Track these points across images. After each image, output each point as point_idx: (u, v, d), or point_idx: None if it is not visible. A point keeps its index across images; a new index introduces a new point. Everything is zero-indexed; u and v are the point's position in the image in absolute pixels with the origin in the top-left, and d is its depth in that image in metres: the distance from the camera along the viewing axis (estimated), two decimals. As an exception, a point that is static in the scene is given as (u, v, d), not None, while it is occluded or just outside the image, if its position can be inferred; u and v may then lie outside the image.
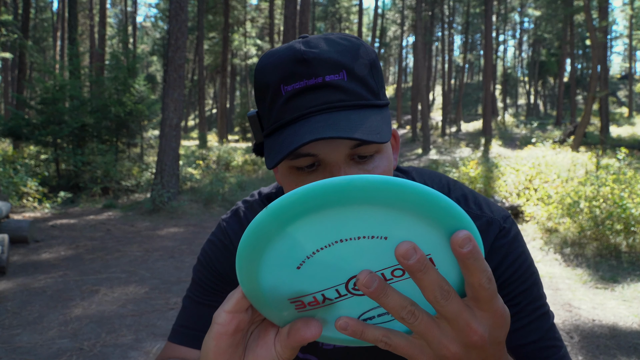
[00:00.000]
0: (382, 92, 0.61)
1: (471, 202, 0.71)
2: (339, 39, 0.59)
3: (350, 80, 0.57)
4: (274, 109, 0.58)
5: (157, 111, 11.77)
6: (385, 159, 0.61)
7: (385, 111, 0.60)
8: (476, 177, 8.92)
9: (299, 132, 0.54)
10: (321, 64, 0.56)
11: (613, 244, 5.34)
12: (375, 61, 0.61)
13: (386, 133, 0.55)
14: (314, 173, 0.59)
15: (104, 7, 23.98)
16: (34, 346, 3.15)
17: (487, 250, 0.67)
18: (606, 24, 19.62)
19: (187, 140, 25.51)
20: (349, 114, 0.55)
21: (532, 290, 0.68)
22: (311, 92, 0.56)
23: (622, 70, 62.63)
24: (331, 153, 0.57)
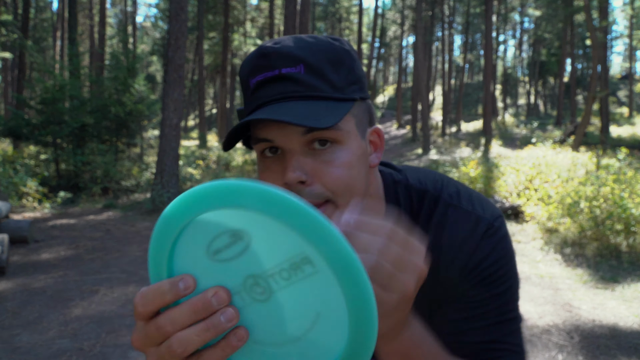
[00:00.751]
0: (350, 88, 0.63)
1: (464, 198, 0.72)
2: (308, 37, 0.63)
3: (307, 73, 0.60)
4: (246, 101, 0.65)
5: (157, 111, 11.77)
6: (347, 151, 0.61)
7: (345, 104, 0.61)
8: (476, 177, 8.91)
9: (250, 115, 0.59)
10: (280, 58, 0.60)
11: (613, 244, 5.34)
12: (343, 58, 0.63)
13: (327, 120, 0.56)
14: (276, 160, 0.62)
15: (103, 7, 23.98)
16: (33, 346, 3.15)
17: (473, 247, 0.68)
18: (606, 24, 19.63)
19: (187, 140, 25.51)
20: (299, 104, 0.59)
21: (505, 294, 0.68)
22: (270, 84, 0.60)
23: (623, 70, 62.64)
24: (284, 140, 0.60)
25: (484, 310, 0.68)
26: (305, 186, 0.59)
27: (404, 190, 0.74)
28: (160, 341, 0.39)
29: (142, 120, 11.69)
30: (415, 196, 0.74)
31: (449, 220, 0.70)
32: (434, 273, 0.69)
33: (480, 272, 0.68)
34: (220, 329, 0.38)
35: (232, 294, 0.40)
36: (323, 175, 0.60)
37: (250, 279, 0.40)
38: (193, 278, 0.39)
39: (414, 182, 0.75)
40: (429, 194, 0.73)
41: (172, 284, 0.39)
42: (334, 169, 0.60)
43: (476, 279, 0.68)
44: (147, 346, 0.40)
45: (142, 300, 0.39)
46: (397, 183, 0.75)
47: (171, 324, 0.38)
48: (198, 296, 0.38)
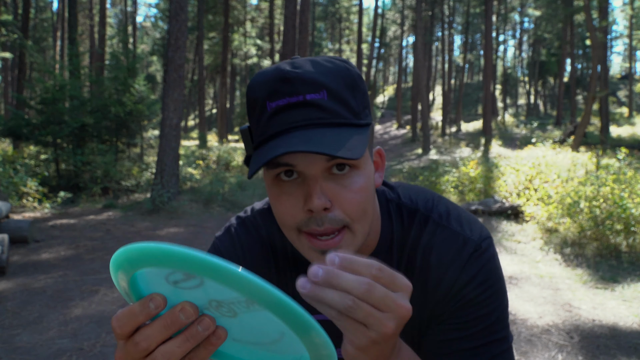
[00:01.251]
0: (364, 112, 0.64)
1: (453, 218, 0.74)
2: (324, 61, 0.64)
3: (330, 99, 0.60)
4: (260, 124, 0.63)
5: (157, 111, 11.77)
6: (363, 176, 0.63)
7: (364, 131, 0.62)
8: (476, 177, 8.92)
9: (276, 145, 0.58)
10: (303, 83, 0.60)
11: (613, 244, 5.34)
12: (358, 83, 0.64)
13: (358, 150, 0.57)
14: (294, 184, 0.63)
15: (104, 7, 23.98)
16: (34, 346, 3.15)
17: (459, 268, 0.70)
18: (606, 24, 19.63)
19: (187, 140, 25.51)
20: (326, 131, 0.59)
21: (492, 315, 0.69)
22: (293, 109, 0.60)
23: (622, 70, 62.63)
24: (308, 166, 0.60)
25: (472, 332, 0.69)
26: (327, 212, 0.61)
27: (395, 208, 0.76)
28: (141, 357, 0.43)
29: (142, 120, 11.69)
30: (406, 215, 0.76)
31: (437, 240, 0.72)
32: (423, 293, 0.71)
33: (467, 293, 0.69)
34: (199, 337, 0.42)
35: (201, 310, 0.43)
36: (343, 201, 0.61)
37: (214, 302, 0.43)
38: (163, 297, 0.42)
39: (406, 200, 0.77)
40: (419, 214, 0.75)
41: (143, 305, 0.42)
42: (353, 194, 0.61)
43: (463, 300, 0.69)
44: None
45: (117, 322, 0.42)
46: (390, 201, 0.77)
47: (146, 340, 0.42)
48: (167, 312, 0.41)
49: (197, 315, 0.42)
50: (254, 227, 0.83)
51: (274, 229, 0.81)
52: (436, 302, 0.71)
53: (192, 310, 0.41)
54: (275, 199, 0.64)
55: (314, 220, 0.61)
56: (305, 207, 0.61)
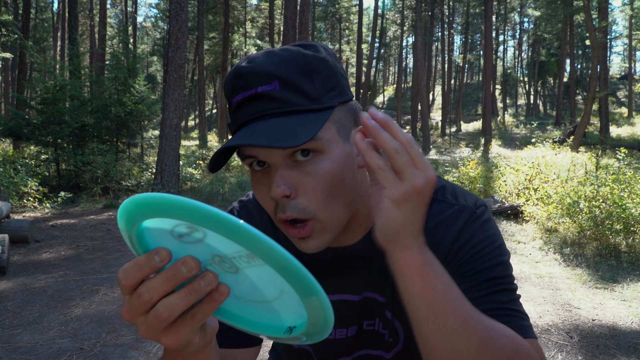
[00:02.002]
0: (328, 96, 0.64)
1: (448, 192, 0.76)
2: (281, 50, 0.64)
3: (282, 89, 0.61)
4: (230, 118, 0.67)
5: (157, 111, 11.77)
6: (329, 160, 0.62)
7: (323, 114, 0.62)
8: (476, 177, 8.92)
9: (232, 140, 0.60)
10: (254, 77, 0.62)
11: (613, 244, 5.34)
12: (317, 66, 0.64)
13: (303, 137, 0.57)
14: (265, 173, 0.65)
15: (104, 7, 23.98)
16: (34, 346, 3.16)
17: (457, 231, 0.71)
18: (606, 24, 19.63)
19: (187, 140, 25.51)
20: (276, 121, 0.60)
21: (496, 268, 0.69)
22: (248, 103, 0.62)
23: (622, 70, 62.64)
24: (268, 156, 0.62)
25: (479, 282, 0.69)
26: (290, 199, 0.62)
27: None
28: (145, 310, 0.43)
29: (142, 120, 11.69)
30: None
31: (432, 212, 0.73)
32: None
33: (466, 252, 0.70)
34: (201, 292, 0.42)
35: (204, 265, 0.44)
36: (306, 187, 0.62)
37: (217, 257, 0.44)
38: (168, 251, 0.42)
39: None
40: None
41: (148, 257, 0.42)
42: (316, 181, 0.62)
43: (463, 258, 0.70)
44: (136, 317, 0.44)
45: (123, 274, 0.43)
46: None
47: (148, 292, 0.42)
48: (170, 266, 0.42)
49: (199, 270, 0.42)
50: (256, 209, 0.85)
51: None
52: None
53: (193, 263, 0.41)
54: (253, 188, 0.67)
55: (280, 208, 0.63)
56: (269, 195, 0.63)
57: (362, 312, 0.81)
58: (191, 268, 0.41)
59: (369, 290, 0.79)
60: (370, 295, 0.80)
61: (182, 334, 0.44)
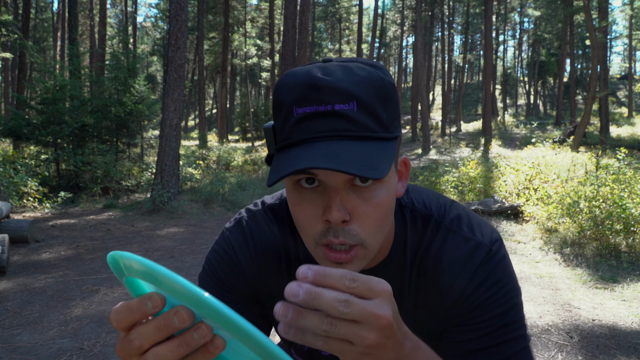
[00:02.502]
0: (393, 125, 0.62)
1: (464, 224, 0.74)
2: (358, 68, 0.61)
3: (359, 111, 0.58)
4: (285, 127, 0.61)
5: (157, 111, 11.77)
6: (386, 189, 0.62)
7: (392, 144, 0.61)
8: (476, 177, 8.92)
9: (299, 156, 0.57)
10: (333, 93, 0.58)
11: (613, 244, 5.34)
12: (391, 93, 0.62)
13: (383, 169, 0.56)
14: (315, 192, 0.61)
15: (104, 7, 23.97)
16: (34, 346, 3.15)
17: (472, 271, 0.70)
18: (606, 24, 19.63)
19: (187, 140, 25.52)
20: (352, 144, 0.57)
21: (506, 315, 0.69)
22: (320, 118, 0.58)
23: (622, 70, 62.63)
24: (330, 177, 0.59)
25: (488, 331, 0.69)
26: (345, 225, 0.60)
27: (410, 214, 0.76)
28: (134, 354, 0.42)
29: (142, 120, 11.69)
30: (420, 221, 0.76)
31: (448, 246, 0.72)
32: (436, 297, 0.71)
33: (480, 295, 0.69)
34: (194, 345, 0.41)
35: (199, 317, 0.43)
36: (362, 215, 0.60)
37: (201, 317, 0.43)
38: (161, 297, 0.41)
39: (420, 206, 0.77)
40: (433, 220, 0.75)
41: (140, 302, 0.41)
42: (373, 209, 0.60)
43: (477, 301, 0.70)
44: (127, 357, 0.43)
45: (115, 316, 0.43)
46: (404, 207, 0.77)
47: (139, 338, 0.41)
48: (162, 315, 0.41)
49: (192, 322, 0.41)
50: (266, 222, 0.81)
51: (285, 227, 0.80)
52: (450, 306, 0.71)
53: (186, 315, 0.40)
54: (294, 205, 0.63)
55: (332, 231, 0.60)
56: (323, 217, 0.60)
57: None
58: (183, 320, 0.40)
59: None
60: None
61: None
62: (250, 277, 0.80)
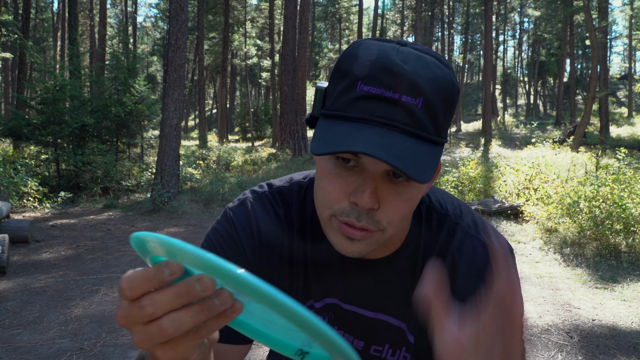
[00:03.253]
0: (444, 130, 0.62)
1: (480, 229, 0.75)
2: (434, 64, 0.60)
3: (423, 109, 0.58)
4: (341, 97, 0.60)
5: (157, 111, 11.78)
6: (419, 188, 0.63)
7: (439, 149, 0.61)
8: (476, 177, 8.92)
9: (354, 136, 0.56)
10: (404, 82, 0.57)
11: (613, 244, 5.34)
12: (455, 100, 0.62)
13: (430, 173, 0.57)
14: (351, 171, 0.61)
15: (104, 7, 23.98)
16: (34, 346, 3.16)
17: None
18: (606, 24, 19.64)
19: (187, 140, 25.52)
20: (407, 140, 0.57)
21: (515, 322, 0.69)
22: (383, 103, 0.57)
23: (622, 70, 62.64)
24: (373, 164, 0.60)
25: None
26: (371, 212, 0.60)
27: (426, 210, 0.76)
28: (143, 321, 0.40)
29: (142, 120, 11.69)
30: (435, 219, 0.76)
31: (466, 248, 0.73)
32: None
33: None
34: (214, 311, 0.39)
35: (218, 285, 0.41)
36: (391, 206, 0.61)
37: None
38: (179, 265, 0.39)
39: (436, 204, 0.77)
40: (449, 220, 0.75)
41: (157, 270, 0.39)
42: (402, 202, 0.61)
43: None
44: (133, 325, 0.40)
45: (128, 284, 0.39)
46: (421, 203, 0.77)
47: (153, 305, 0.39)
48: (182, 281, 0.39)
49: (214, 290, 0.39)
50: (271, 204, 0.79)
51: (292, 210, 0.78)
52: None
53: (210, 283, 0.38)
54: (325, 174, 0.63)
55: (355, 214, 0.60)
56: (352, 197, 0.60)
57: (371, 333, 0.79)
58: (206, 287, 0.38)
59: (383, 312, 0.78)
60: (385, 318, 0.78)
61: (182, 349, 0.41)
62: (251, 260, 0.77)
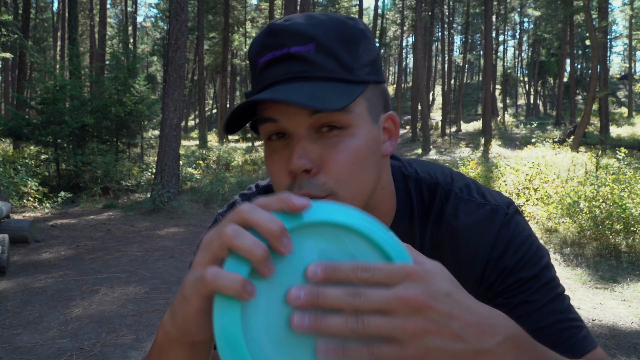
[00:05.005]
0: (362, 70, 0.59)
1: (474, 191, 0.71)
2: (321, 15, 0.59)
3: (318, 52, 0.56)
4: (253, 82, 0.61)
5: (157, 111, 11.78)
6: (357, 137, 0.57)
7: (357, 87, 0.57)
8: (476, 177, 8.92)
9: (255, 95, 0.55)
10: (289, 35, 0.56)
11: (613, 244, 5.34)
12: (357, 37, 0.59)
13: (336, 102, 0.53)
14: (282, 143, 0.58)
15: (104, 7, 23.98)
16: (34, 346, 3.15)
17: (493, 236, 0.67)
18: (606, 24, 19.64)
19: (187, 140, 25.52)
20: (306, 84, 0.55)
21: (543, 273, 0.66)
22: (278, 63, 0.57)
23: (622, 70, 62.63)
24: (290, 122, 0.56)
25: (532, 292, 0.64)
26: (309, 175, 0.56)
27: (414, 184, 0.72)
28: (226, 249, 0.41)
29: (142, 120, 11.69)
30: (426, 190, 0.72)
31: (462, 212, 0.69)
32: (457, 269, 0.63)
33: (508, 260, 0.65)
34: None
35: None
36: (328, 161, 0.56)
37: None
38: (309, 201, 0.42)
39: (424, 175, 0.73)
40: (440, 188, 0.71)
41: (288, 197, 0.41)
42: (340, 154, 0.56)
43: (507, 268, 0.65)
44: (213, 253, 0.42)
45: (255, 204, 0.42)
46: (407, 177, 0.73)
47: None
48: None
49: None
50: None
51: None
52: (476, 277, 0.67)
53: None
54: (266, 159, 0.61)
55: (297, 184, 0.56)
56: (287, 168, 0.56)
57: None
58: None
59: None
60: None
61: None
62: None
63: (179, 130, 8.87)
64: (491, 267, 0.66)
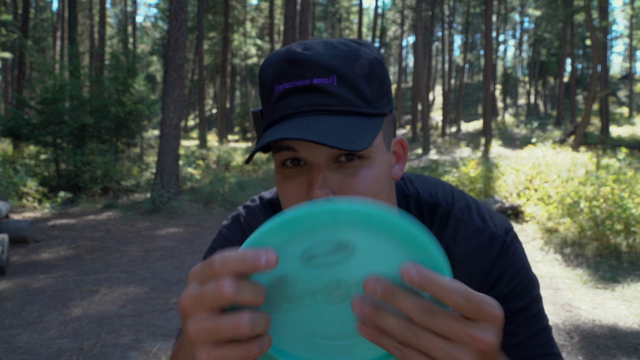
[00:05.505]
0: (380, 102, 0.60)
1: (474, 213, 0.71)
2: (339, 43, 0.59)
3: (339, 85, 0.56)
4: (268, 107, 0.61)
5: (157, 111, 11.77)
6: (375, 167, 0.59)
7: (377, 121, 0.58)
8: (476, 177, 8.91)
9: (275, 131, 0.55)
10: (311, 67, 0.56)
11: (613, 244, 5.34)
12: (375, 68, 0.60)
13: (363, 141, 0.53)
14: (300, 172, 0.59)
15: (103, 7, 23.97)
16: (34, 346, 3.15)
17: (489, 264, 0.68)
18: (606, 24, 19.64)
19: (187, 140, 25.51)
20: (330, 118, 0.55)
21: (531, 307, 0.68)
22: (299, 93, 0.57)
23: (622, 70, 62.62)
24: (310, 153, 0.57)
25: (518, 324, 0.67)
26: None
27: (415, 204, 0.73)
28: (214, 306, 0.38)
29: (142, 120, 11.69)
30: (426, 211, 0.73)
31: (461, 236, 0.70)
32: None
33: (501, 288, 0.67)
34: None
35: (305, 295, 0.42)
36: (350, 191, 0.57)
37: (333, 283, 0.42)
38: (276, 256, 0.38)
39: (426, 195, 0.74)
40: (440, 209, 0.72)
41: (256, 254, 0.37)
42: (361, 184, 0.57)
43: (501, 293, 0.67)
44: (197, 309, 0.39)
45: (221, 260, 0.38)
46: (409, 197, 0.74)
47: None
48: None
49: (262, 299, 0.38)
50: (264, 216, 0.78)
51: None
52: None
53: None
54: (280, 184, 0.61)
55: None
56: (307, 197, 0.57)
57: None
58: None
59: None
60: None
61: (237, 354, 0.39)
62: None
63: (178, 130, 8.86)
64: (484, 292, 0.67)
